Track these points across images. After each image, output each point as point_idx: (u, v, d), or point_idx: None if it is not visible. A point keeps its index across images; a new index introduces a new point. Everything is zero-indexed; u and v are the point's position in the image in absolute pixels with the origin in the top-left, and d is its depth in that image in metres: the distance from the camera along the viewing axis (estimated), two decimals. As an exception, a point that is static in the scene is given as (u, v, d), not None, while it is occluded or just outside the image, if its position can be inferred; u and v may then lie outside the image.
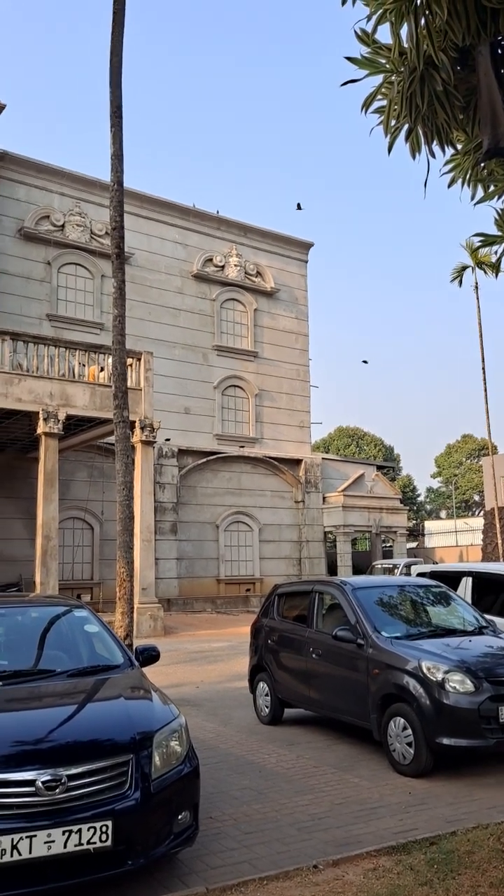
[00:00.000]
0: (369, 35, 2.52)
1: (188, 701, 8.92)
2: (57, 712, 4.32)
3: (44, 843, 3.44)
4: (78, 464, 21.90)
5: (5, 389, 15.76)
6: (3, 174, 21.53)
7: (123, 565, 9.74)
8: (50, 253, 22.76)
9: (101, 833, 3.55)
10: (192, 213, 26.15)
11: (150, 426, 17.45)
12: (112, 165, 9.57)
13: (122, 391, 10.18)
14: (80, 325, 22.88)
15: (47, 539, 15.96)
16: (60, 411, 16.21)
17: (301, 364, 28.33)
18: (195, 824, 4.10)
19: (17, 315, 21.56)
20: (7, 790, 3.53)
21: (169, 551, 23.47)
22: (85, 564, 22.15)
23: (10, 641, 5.39)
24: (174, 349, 24.88)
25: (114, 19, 9.16)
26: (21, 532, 20.41)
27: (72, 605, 5.99)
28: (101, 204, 23.32)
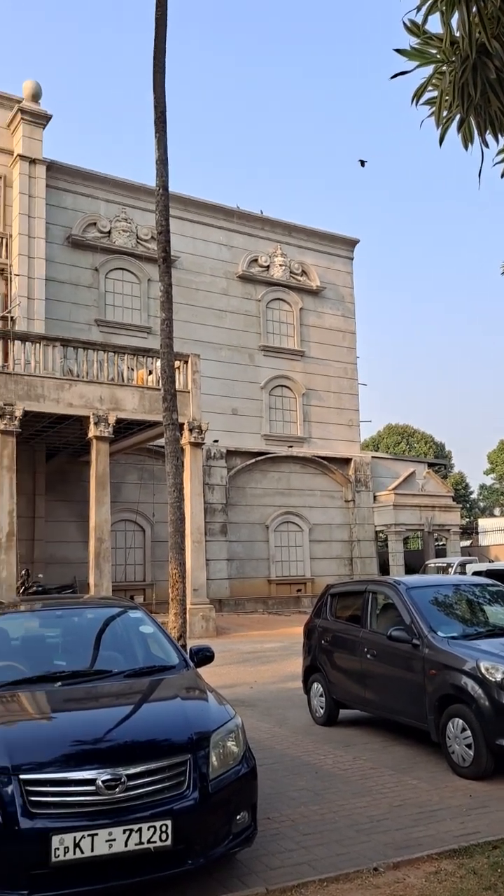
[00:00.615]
0: (419, 26, 2.48)
1: (242, 701, 8.94)
2: (115, 712, 4.37)
3: (105, 841, 3.48)
4: (128, 467, 22.17)
5: (57, 395, 16.04)
6: (50, 184, 21.92)
7: (175, 566, 9.82)
8: (97, 259, 23.10)
9: (161, 832, 3.58)
10: (236, 215, 26.23)
11: (199, 428, 17.55)
12: (157, 170, 9.65)
13: (170, 394, 10.26)
14: (128, 330, 23.16)
15: (100, 541, 16.19)
16: (110, 415, 16.43)
17: (349, 362, 28.15)
18: (254, 825, 4.09)
19: (67, 321, 21.94)
20: (68, 789, 3.58)
21: (219, 552, 23.57)
22: (137, 566, 22.40)
23: (67, 643, 5.47)
24: (220, 350, 24.99)
25: (156, 24, 9.24)
26: (75, 535, 20.75)
27: (126, 607, 6.06)
28: (147, 209, 23.57)
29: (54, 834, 3.41)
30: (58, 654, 5.32)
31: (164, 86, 9.46)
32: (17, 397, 15.52)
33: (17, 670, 4.86)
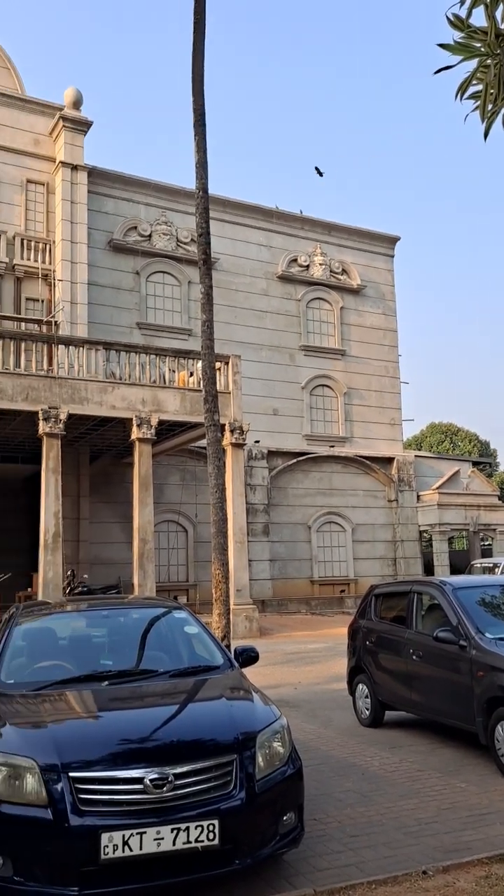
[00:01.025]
0: (463, 20, 2.45)
1: (287, 702, 8.93)
2: (161, 712, 4.41)
3: (153, 839, 3.51)
4: (170, 468, 22.33)
5: (100, 398, 16.25)
6: (92, 189, 22.21)
7: (219, 567, 9.86)
8: (138, 263, 23.33)
9: (209, 832, 3.59)
10: (275, 215, 26.23)
11: (240, 429, 17.59)
12: (196, 173, 9.71)
13: (212, 395, 10.31)
14: (169, 332, 23.34)
15: (143, 542, 16.34)
16: (153, 417, 16.57)
17: (390, 360, 27.90)
18: (300, 826, 4.09)
19: (109, 325, 22.20)
20: (116, 787, 3.62)
21: (261, 553, 23.59)
22: (180, 567, 22.55)
23: (113, 642, 5.54)
24: (261, 351, 25.01)
25: (195, 30, 9.29)
26: (118, 535, 20.99)
27: (171, 607, 6.11)
28: (186, 212, 23.70)
29: (103, 832, 3.46)
30: (104, 653, 5.39)
31: (203, 89, 9.51)
32: (62, 400, 15.76)
33: (64, 669, 4.94)
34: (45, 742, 3.77)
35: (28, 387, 15.51)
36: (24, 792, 3.59)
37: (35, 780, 3.58)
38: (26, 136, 21.80)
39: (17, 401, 15.39)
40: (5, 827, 3.53)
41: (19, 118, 21.74)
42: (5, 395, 15.27)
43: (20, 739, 3.83)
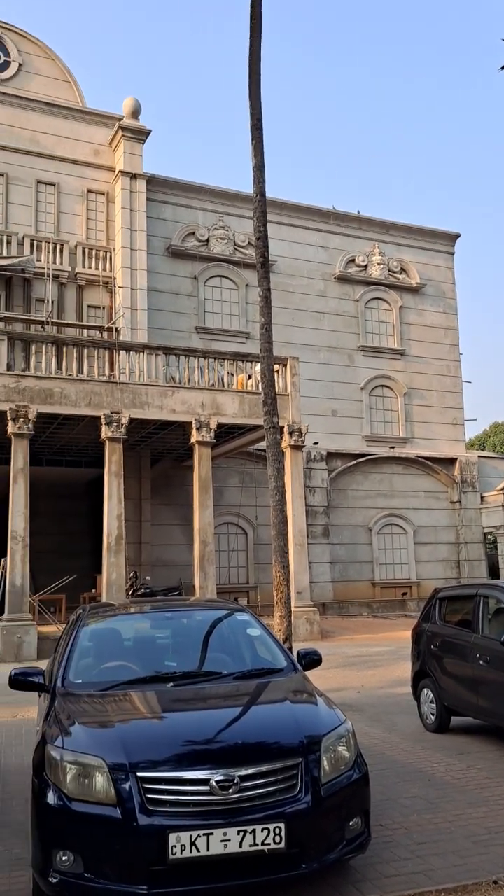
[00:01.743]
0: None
1: (350, 706, 8.85)
2: (225, 713, 4.42)
3: (220, 841, 3.52)
4: (230, 470, 22.44)
5: (160, 402, 16.46)
6: (150, 197, 22.53)
7: (279, 569, 9.86)
8: (196, 268, 23.55)
9: (275, 835, 3.58)
10: (332, 216, 26.11)
11: (299, 431, 17.56)
12: (254, 177, 9.74)
13: (270, 397, 10.33)
14: (227, 336, 23.47)
15: (204, 544, 16.46)
16: (212, 420, 16.69)
17: (451, 359, 27.42)
18: (367, 831, 4.04)
19: (168, 330, 22.47)
20: (183, 788, 3.64)
21: (322, 555, 23.47)
22: (240, 569, 22.63)
23: (177, 644, 5.57)
24: (319, 352, 24.91)
25: (251, 34, 9.33)
26: (179, 538, 21.20)
27: (233, 609, 6.12)
28: (243, 215, 23.81)
29: (171, 832, 3.48)
30: (168, 655, 5.43)
31: (260, 94, 9.54)
32: (123, 405, 16.03)
33: (130, 670, 5.00)
34: (112, 742, 3.82)
35: (91, 392, 15.83)
36: (93, 790, 3.65)
37: (104, 779, 3.64)
38: (87, 146, 22.28)
39: (80, 406, 15.72)
40: (76, 825, 3.60)
41: (80, 130, 22.23)
42: (69, 400, 15.62)
43: (89, 738, 3.89)
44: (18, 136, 21.49)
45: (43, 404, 15.35)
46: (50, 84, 22.29)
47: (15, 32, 22.06)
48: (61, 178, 21.92)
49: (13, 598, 14.83)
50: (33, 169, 21.60)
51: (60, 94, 22.30)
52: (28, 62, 22.11)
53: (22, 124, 21.56)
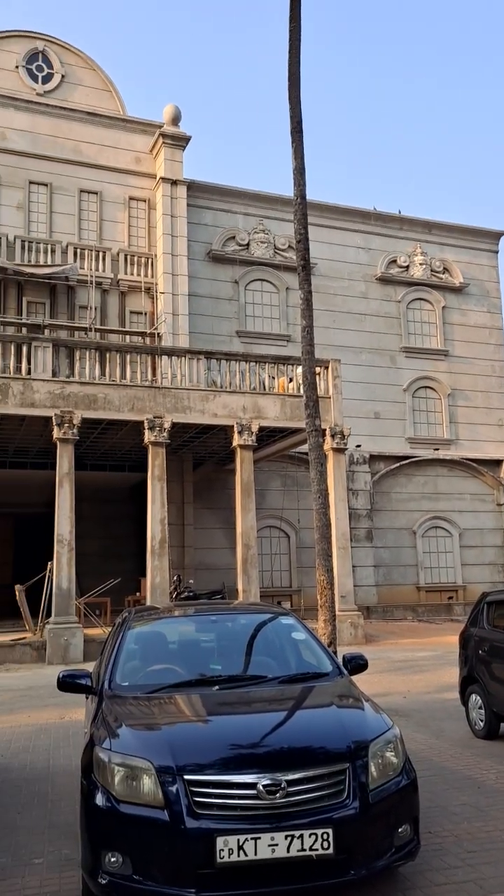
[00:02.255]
0: None
1: (396, 711, 8.75)
2: (271, 717, 4.41)
3: (268, 845, 3.50)
4: (271, 473, 22.43)
5: (202, 406, 16.54)
6: (191, 202, 22.70)
7: (323, 573, 9.81)
8: (237, 272, 23.63)
9: (323, 840, 3.56)
10: (373, 217, 25.95)
11: (341, 433, 17.47)
12: (294, 180, 9.74)
13: (312, 400, 10.30)
14: (268, 339, 23.48)
15: (247, 548, 16.48)
16: (253, 423, 16.71)
17: (496, 359, 26.97)
18: (416, 839, 3.99)
19: (209, 334, 22.58)
20: (230, 791, 3.64)
21: (365, 558, 23.29)
22: (283, 572, 22.58)
23: (222, 647, 5.59)
24: (360, 354, 24.76)
25: (290, 37, 9.34)
26: (222, 541, 21.25)
27: (278, 613, 6.11)
28: (283, 219, 23.83)
29: (218, 835, 3.48)
30: (213, 658, 5.45)
31: (300, 97, 9.54)
32: (166, 410, 16.15)
33: (175, 673, 5.03)
34: (159, 744, 3.84)
35: (133, 397, 15.99)
36: (141, 793, 3.67)
37: (151, 782, 3.66)
38: (128, 154, 22.56)
39: (123, 411, 15.89)
40: (124, 826, 3.63)
41: (121, 138, 22.52)
42: (112, 405, 15.80)
43: (136, 741, 3.92)
44: (62, 147, 21.87)
45: (87, 410, 15.56)
46: (92, 94, 22.64)
47: (58, 45, 22.46)
48: (103, 186, 22.22)
49: (60, 601, 15.04)
50: (76, 178, 21.95)
51: (102, 103, 22.63)
52: (71, 73, 22.49)
53: (65, 134, 21.94)
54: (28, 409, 15.26)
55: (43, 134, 21.71)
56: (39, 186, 21.63)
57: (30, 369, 15.47)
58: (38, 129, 21.67)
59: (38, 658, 14.88)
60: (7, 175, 21.27)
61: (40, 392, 15.33)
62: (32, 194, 21.53)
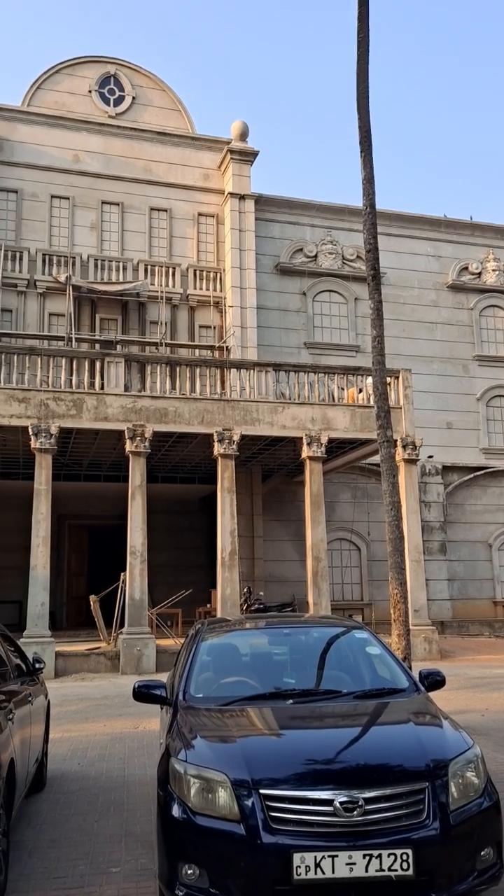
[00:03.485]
0: None
1: (475, 730, 8.49)
2: (346, 733, 4.33)
3: (345, 864, 3.43)
4: (341, 485, 22.25)
5: (271, 418, 16.57)
6: (258, 216, 22.89)
7: (396, 586, 9.65)
8: (305, 283, 23.66)
9: (402, 861, 3.46)
10: (443, 224, 25.58)
11: (413, 444, 17.19)
12: (364, 189, 9.69)
13: (384, 411, 10.18)
14: (336, 350, 23.39)
15: (317, 560, 16.37)
16: (322, 435, 16.63)
17: None
18: (500, 862, 3.83)
19: (278, 346, 22.66)
20: (306, 807, 3.58)
21: (438, 572, 22.80)
22: (354, 585, 22.33)
23: (295, 661, 5.54)
24: (432, 363, 24.37)
25: (358, 46, 9.32)
26: (291, 554, 21.19)
27: (351, 626, 6.02)
28: (351, 229, 23.76)
29: (295, 851, 3.43)
30: (287, 671, 5.40)
31: (368, 106, 9.50)
32: (235, 422, 16.25)
33: (248, 686, 5.01)
34: (235, 757, 3.82)
35: (203, 410, 16.15)
36: (216, 805, 3.66)
37: (227, 795, 3.64)
38: (196, 171, 22.94)
39: (193, 424, 16.07)
40: (200, 838, 3.62)
41: (190, 156, 22.93)
42: (182, 419, 16.01)
43: (211, 753, 3.91)
44: (133, 167, 22.42)
45: (158, 423, 15.81)
46: (161, 114, 23.14)
47: (129, 68, 23.08)
48: (173, 203, 22.65)
49: (133, 612, 15.27)
50: (147, 196, 22.46)
51: (171, 122, 23.10)
52: (141, 95, 23.06)
53: (136, 154, 22.49)
54: (102, 423, 15.61)
55: (115, 155, 22.31)
56: (112, 206, 22.21)
57: (103, 384, 15.84)
58: (110, 150, 22.28)
59: (112, 668, 15.13)
60: (81, 196, 21.93)
61: (113, 406, 15.66)
62: (105, 214, 22.12)
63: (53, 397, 15.36)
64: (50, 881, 4.53)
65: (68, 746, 8.22)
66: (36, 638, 14.35)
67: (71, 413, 15.39)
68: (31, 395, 15.28)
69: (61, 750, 7.98)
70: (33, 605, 14.76)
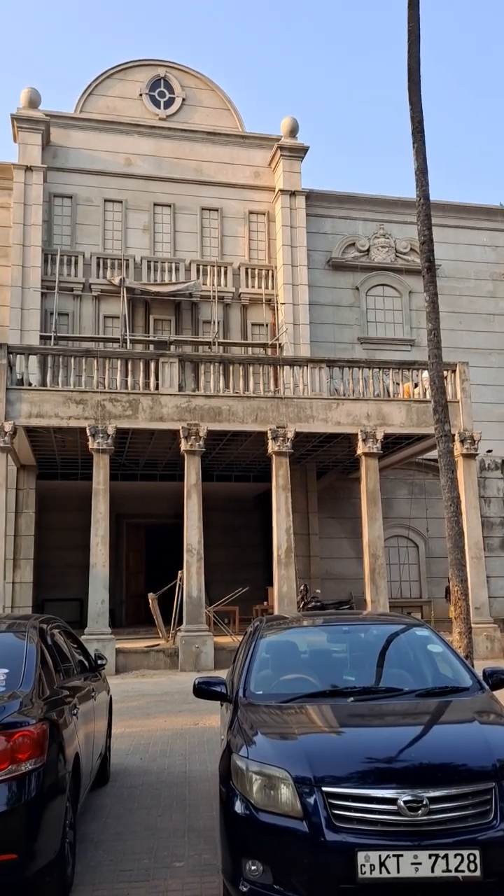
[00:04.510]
0: None
1: (539, 729, 8.28)
2: (408, 732, 4.27)
3: (410, 864, 3.39)
4: (397, 482, 21.99)
5: (325, 415, 16.48)
6: (309, 212, 22.78)
7: (457, 583, 9.50)
8: (357, 278, 23.45)
9: (469, 861, 3.40)
10: (499, 213, 25.01)
11: (471, 438, 16.87)
12: (417, 181, 9.55)
13: (441, 405, 10.03)
14: (391, 344, 23.11)
15: (374, 558, 16.22)
16: (378, 431, 16.46)
17: None
18: None
19: (331, 342, 22.51)
20: (369, 806, 3.55)
21: (500, 569, 22.31)
22: (412, 582, 22.06)
23: (354, 658, 5.50)
24: (489, 356, 23.86)
25: (409, 37, 9.18)
26: (348, 551, 21.05)
27: (412, 624, 5.95)
28: (404, 221, 23.44)
29: (359, 850, 3.41)
30: (346, 669, 5.37)
31: (420, 96, 9.35)
32: (289, 419, 16.22)
33: (308, 683, 5.00)
34: (296, 754, 3.81)
35: (257, 408, 16.17)
36: (279, 802, 3.65)
37: (289, 792, 3.64)
38: (247, 170, 22.97)
39: (247, 422, 16.10)
40: (263, 835, 3.62)
41: (240, 154, 22.97)
42: (236, 417, 16.06)
43: (273, 750, 3.91)
44: (184, 168, 22.59)
45: (212, 422, 15.89)
46: (211, 114, 23.24)
47: (178, 69, 23.25)
48: (223, 202, 22.73)
49: (190, 609, 15.40)
50: (198, 197, 22.59)
51: (221, 122, 23.18)
52: (191, 96, 23.20)
53: (186, 155, 22.64)
54: (157, 423, 15.78)
55: (166, 157, 22.50)
56: (163, 207, 22.42)
57: (157, 385, 16.01)
58: (161, 152, 22.49)
59: (170, 665, 15.30)
60: (133, 199, 22.20)
61: (168, 406, 15.81)
62: (157, 215, 22.34)
63: (110, 398, 15.60)
64: (116, 874, 4.61)
65: (130, 742, 8.35)
66: (96, 635, 14.61)
67: (127, 413, 15.60)
68: (88, 396, 15.55)
69: (123, 745, 8.10)
70: (93, 602, 15.02)
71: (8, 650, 4.85)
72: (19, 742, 3.92)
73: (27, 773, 3.91)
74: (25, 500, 18.88)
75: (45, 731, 4.09)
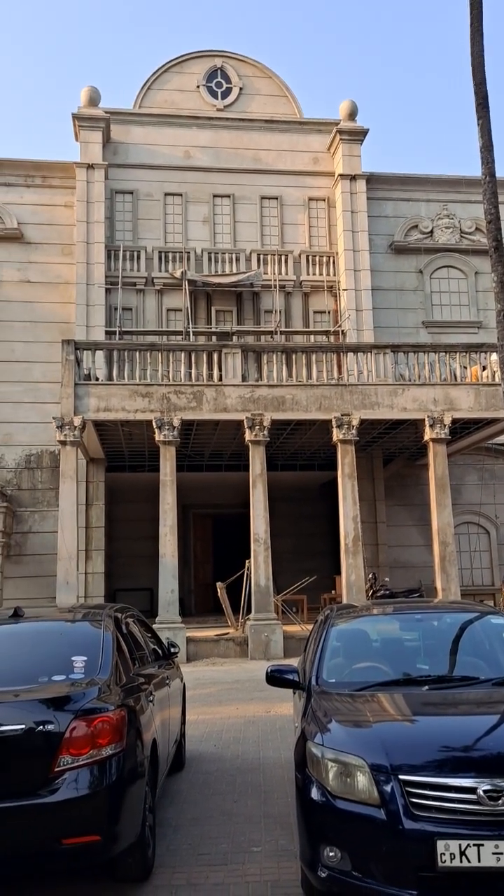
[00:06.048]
0: None
1: None
2: (486, 720, 4.21)
3: (492, 853, 3.35)
4: (466, 467, 21.57)
5: (390, 401, 16.28)
6: (370, 195, 22.44)
7: (531, 570, 9.26)
8: (421, 261, 23.01)
9: (552, 854, 3.34)
10: None
11: (543, 422, 16.41)
12: (482, 157, 9.30)
13: (512, 388, 9.76)
14: (456, 327, 22.61)
15: (444, 545, 15.97)
16: (445, 416, 16.17)
17: None
18: None
19: (395, 327, 22.17)
20: (447, 794, 3.52)
21: None
22: (483, 570, 21.64)
23: (427, 646, 5.45)
24: None
25: (471, 12, 8.92)
26: (416, 539, 20.79)
27: (486, 612, 5.85)
28: (469, 200, 22.85)
29: (438, 839, 3.38)
30: (420, 657, 5.33)
31: (484, 70, 9.08)
32: (353, 407, 16.09)
33: (381, 671, 4.97)
34: (372, 742, 3.81)
35: (320, 396, 16.09)
36: (355, 789, 3.66)
37: (366, 779, 3.63)
38: (305, 156, 22.78)
39: (311, 411, 16.05)
40: (340, 822, 3.63)
41: (298, 141, 22.79)
42: (300, 406, 16.02)
43: (347, 737, 3.91)
44: (242, 157, 22.56)
45: (276, 411, 15.90)
46: (268, 101, 23.12)
47: (235, 59, 23.19)
48: (283, 190, 22.61)
49: (259, 598, 15.49)
50: (257, 186, 22.53)
51: (279, 109, 23.03)
52: (248, 84, 23.12)
53: (245, 145, 22.60)
54: (221, 414, 15.89)
55: (224, 147, 22.51)
56: (223, 198, 22.46)
57: (221, 376, 16.10)
58: (219, 143, 22.51)
59: (240, 653, 15.45)
60: (193, 192, 22.31)
61: (231, 397, 15.90)
62: (216, 207, 22.40)
63: (174, 391, 15.78)
64: (195, 857, 4.70)
65: (204, 729, 8.48)
66: (167, 624, 14.86)
67: (191, 405, 15.76)
68: (153, 389, 15.77)
69: (197, 732, 8.24)
70: (164, 591, 15.28)
71: (85, 639, 4.98)
72: (99, 728, 4.03)
73: (108, 757, 4.02)
74: (95, 492, 19.32)
75: (123, 717, 4.19)
